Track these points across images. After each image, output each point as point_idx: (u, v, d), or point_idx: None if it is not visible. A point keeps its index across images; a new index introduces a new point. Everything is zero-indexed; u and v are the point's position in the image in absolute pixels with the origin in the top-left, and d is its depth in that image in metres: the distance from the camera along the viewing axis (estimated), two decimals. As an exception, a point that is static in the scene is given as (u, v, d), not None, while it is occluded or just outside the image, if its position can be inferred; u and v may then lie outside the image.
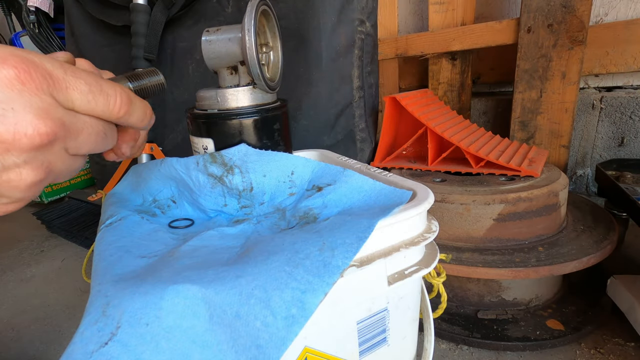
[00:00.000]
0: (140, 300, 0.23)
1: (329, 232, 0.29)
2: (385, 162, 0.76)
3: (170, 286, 0.24)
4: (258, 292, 0.25)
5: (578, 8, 0.78)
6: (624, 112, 0.90)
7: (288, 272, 0.26)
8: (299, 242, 0.28)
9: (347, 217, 0.31)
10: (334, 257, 0.27)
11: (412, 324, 0.36)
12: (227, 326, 0.23)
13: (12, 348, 0.65)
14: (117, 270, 0.28)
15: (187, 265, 0.28)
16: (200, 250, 0.31)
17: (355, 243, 0.28)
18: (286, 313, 0.24)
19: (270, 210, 0.38)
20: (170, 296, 0.23)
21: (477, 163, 0.67)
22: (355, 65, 0.74)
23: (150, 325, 0.22)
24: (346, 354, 0.32)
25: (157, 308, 0.23)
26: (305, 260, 0.26)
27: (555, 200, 0.58)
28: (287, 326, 0.24)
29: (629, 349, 0.52)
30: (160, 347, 0.22)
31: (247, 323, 0.24)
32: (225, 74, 0.40)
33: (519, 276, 0.52)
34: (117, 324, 0.22)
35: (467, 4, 0.97)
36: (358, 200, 0.35)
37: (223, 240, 0.33)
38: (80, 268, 0.78)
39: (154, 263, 0.29)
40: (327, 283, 0.25)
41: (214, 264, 0.28)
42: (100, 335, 0.22)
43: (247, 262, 0.27)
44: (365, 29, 0.74)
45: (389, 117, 0.76)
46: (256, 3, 0.36)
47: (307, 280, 0.25)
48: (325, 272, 0.26)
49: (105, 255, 0.30)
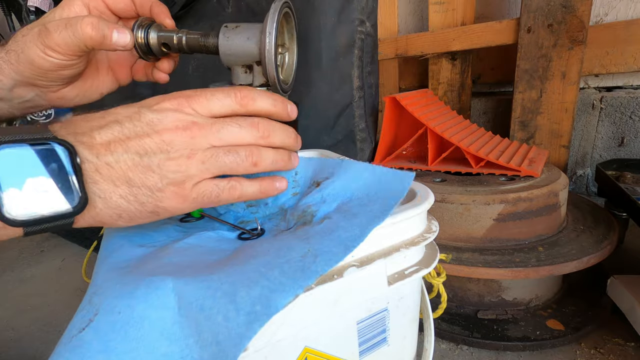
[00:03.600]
0: (118, 289, 0.24)
1: (318, 239, 0.28)
2: (385, 162, 0.76)
3: (147, 277, 0.24)
4: (226, 287, 0.24)
5: (578, 8, 0.78)
6: (624, 112, 0.90)
7: (262, 272, 0.25)
8: (284, 248, 0.27)
9: (342, 219, 0.30)
10: (315, 263, 0.26)
11: (412, 324, 0.36)
12: (192, 319, 0.23)
13: (12, 348, 0.65)
14: (113, 258, 0.29)
15: (173, 262, 0.28)
16: (193, 249, 0.31)
17: (341, 252, 0.27)
18: (250, 309, 0.23)
19: (274, 210, 0.38)
20: (144, 286, 0.24)
21: (477, 163, 0.67)
22: (355, 65, 0.74)
23: (122, 313, 0.22)
24: (346, 354, 0.31)
25: (131, 297, 0.23)
26: (284, 264, 0.26)
27: (555, 200, 0.58)
28: (248, 323, 0.23)
29: (629, 349, 0.52)
30: (129, 336, 0.22)
31: (210, 317, 0.23)
32: (240, 71, 0.40)
33: (519, 276, 0.52)
34: (95, 311, 0.23)
35: (467, 4, 0.97)
36: (357, 189, 0.34)
37: (219, 243, 0.33)
38: (80, 268, 0.78)
39: (148, 254, 0.29)
40: (299, 286, 0.24)
41: (197, 264, 0.28)
42: (82, 321, 0.22)
43: (226, 263, 0.27)
44: (365, 29, 0.74)
45: (389, 117, 0.76)
46: (280, 5, 0.35)
47: (279, 281, 0.24)
48: (302, 275, 0.25)
49: (108, 243, 0.31)
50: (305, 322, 0.28)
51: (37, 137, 0.23)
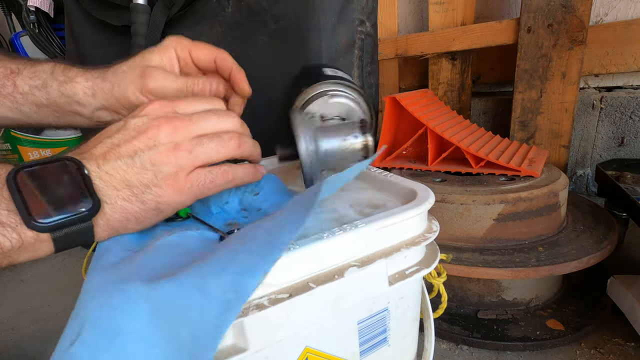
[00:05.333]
0: (98, 299, 0.24)
1: (285, 214, 0.27)
2: (386, 162, 0.76)
3: (119, 285, 0.24)
4: (195, 280, 0.24)
5: (578, 8, 0.78)
6: (624, 112, 0.90)
7: (230, 257, 0.24)
8: (253, 228, 0.27)
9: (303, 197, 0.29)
10: (282, 233, 0.24)
11: (412, 324, 0.36)
12: (168, 321, 0.23)
13: (12, 348, 0.65)
14: (101, 262, 0.29)
15: (148, 265, 0.27)
16: (171, 249, 0.30)
17: (305, 214, 0.25)
18: (222, 297, 0.23)
19: (262, 216, 0.37)
20: (118, 295, 0.23)
21: (477, 163, 0.67)
22: (355, 65, 0.74)
23: (105, 325, 0.22)
24: (347, 354, 0.32)
25: (109, 308, 0.23)
26: (250, 244, 0.25)
27: (555, 200, 0.58)
28: (222, 312, 0.22)
29: (629, 349, 0.52)
30: (113, 346, 0.22)
31: (184, 314, 0.23)
32: None
33: (519, 276, 0.52)
34: (82, 323, 0.23)
35: (467, 4, 0.98)
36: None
37: (199, 243, 0.32)
38: (80, 268, 0.78)
39: (130, 256, 0.29)
40: (267, 261, 0.23)
41: (172, 265, 0.27)
42: (72, 333, 0.22)
43: (198, 258, 0.26)
44: (365, 29, 0.74)
45: (389, 117, 0.76)
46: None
47: (247, 261, 0.24)
48: (268, 249, 0.24)
49: (99, 247, 0.32)
50: (306, 322, 0.28)
51: (52, 159, 0.28)
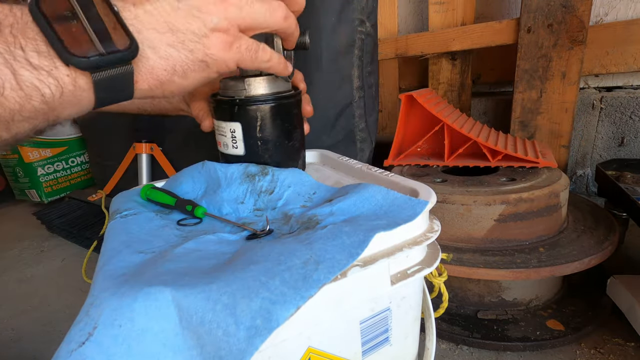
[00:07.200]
0: (116, 301, 0.23)
1: (321, 244, 0.27)
2: (400, 160, 0.76)
3: (144, 288, 0.24)
4: (225, 298, 0.23)
5: (578, 8, 0.78)
6: (624, 112, 0.90)
7: (263, 281, 0.24)
8: (286, 253, 0.27)
9: (347, 226, 0.30)
10: (317, 270, 0.25)
11: (414, 324, 0.36)
12: (194, 332, 0.23)
13: (12, 348, 0.65)
14: (111, 265, 0.28)
15: (171, 269, 0.27)
16: (192, 255, 0.30)
17: (345, 260, 0.26)
18: (250, 323, 0.23)
19: (278, 216, 0.37)
20: (142, 299, 0.23)
21: (494, 157, 0.67)
22: (355, 65, 0.74)
23: (123, 327, 0.22)
24: (349, 354, 0.32)
25: (130, 310, 0.23)
26: (285, 272, 0.25)
27: (556, 200, 0.58)
28: (248, 338, 0.22)
29: (629, 349, 0.53)
30: (132, 349, 0.22)
31: (210, 331, 0.23)
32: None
33: (520, 277, 0.52)
34: (94, 324, 0.22)
35: (467, 4, 0.98)
36: (368, 209, 0.34)
37: (219, 246, 0.32)
38: (80, 268, 0.78)
39: (146, 261, 0.29)
40: (301, 296, 0.24)
41: (194, 271, 0.27)
42: (80, 334, 0.22)
43: (225, 270, 0.26)
44: (365, 29, 0.74)
45: (404, 115, 0.76)
46: None
47: (280, 292, 0.24)
48: (303, 285, 0.24)
49: (107, 249, 0.31)
50: (309, 322, 0.28)
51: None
